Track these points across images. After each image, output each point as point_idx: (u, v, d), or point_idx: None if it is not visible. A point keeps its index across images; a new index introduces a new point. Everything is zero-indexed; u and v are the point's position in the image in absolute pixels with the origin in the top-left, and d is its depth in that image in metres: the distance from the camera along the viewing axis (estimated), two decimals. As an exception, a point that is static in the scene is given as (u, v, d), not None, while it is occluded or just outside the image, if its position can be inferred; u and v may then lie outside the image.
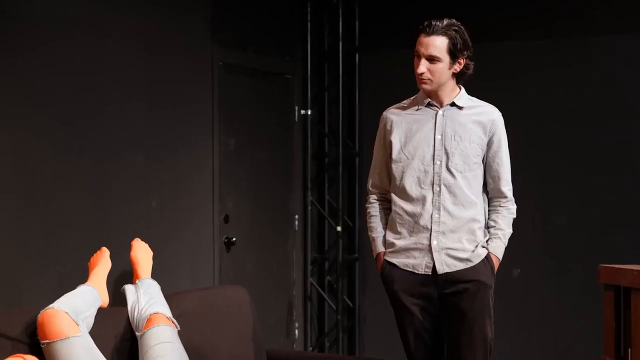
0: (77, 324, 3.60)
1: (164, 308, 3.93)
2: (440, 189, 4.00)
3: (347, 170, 6.85)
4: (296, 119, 6.61)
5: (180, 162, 5.51)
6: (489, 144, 4.06)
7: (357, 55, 6.80)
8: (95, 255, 4.36)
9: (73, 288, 4.00)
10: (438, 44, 3.93)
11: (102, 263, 4.29)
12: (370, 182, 4.26)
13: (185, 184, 5.54)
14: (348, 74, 6.82)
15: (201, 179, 5.69)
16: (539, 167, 6.05)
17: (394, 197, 4.10)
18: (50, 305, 3.63)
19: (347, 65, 6.81)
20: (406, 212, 4.06)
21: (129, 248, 4.46)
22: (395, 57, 6.41)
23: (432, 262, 4.01)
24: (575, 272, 6.02)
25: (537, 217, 6.15)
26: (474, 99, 4.13)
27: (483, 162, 4.08)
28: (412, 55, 4.03)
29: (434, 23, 3.94)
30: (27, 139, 4.54)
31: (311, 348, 6.71)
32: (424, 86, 4.01)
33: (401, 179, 4.06)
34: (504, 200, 4.12)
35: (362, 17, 6.79)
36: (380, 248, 4.17)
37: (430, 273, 4.02)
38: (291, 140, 6.58)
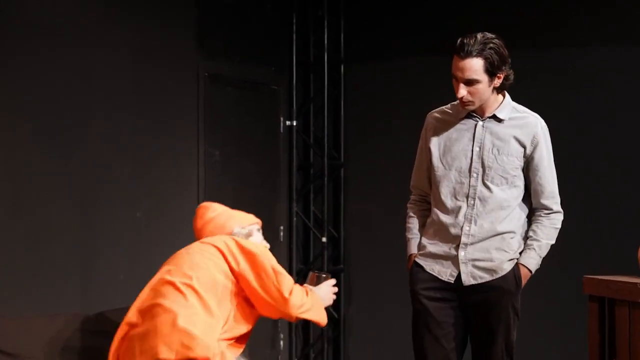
0: None
1: None
2: (474, 201, 3.93)
3: (333, 181, 6.85)
4: (281, 130, 6.60)
5: (166, 172, 5.49)
6: (530, 158, 3.94)
7: (342, 66, 6.81)
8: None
9: (59, 297, 3.98)
10: (474, 65, 3.79)
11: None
12: (411, 181, 4.19)
13: (170, 195, 5.53)
14: (333, 85, 6.82)
15: (186, 190, 5.67)
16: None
17: (432, 203, 4.04)
18: None
19: (333, 76, 6.81)
20: (440, 220, 3.99)
21: (114, 258, 4.42)
22: (381, 68, 6.41)
23: (457, 272, 3.95)
24: (560, 282, 6.02)
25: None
26: (519, 107, 4.01)
27: (524, 174, 3.97)
28: (396, 66, 4.00)
29: (466, 42, 3.79)
30: (13, 149, 4.52)
31: (296, 359, 6.69)
32: (467, 107, 3.90)
33: (438, 188, 4.00)
34: (547, 211, 4.00)
35: (347, 28, 6.80)
36: (413, 250, 4.10)
37: (452, 281, 3.97)
38: (276, 151, 6.57)
